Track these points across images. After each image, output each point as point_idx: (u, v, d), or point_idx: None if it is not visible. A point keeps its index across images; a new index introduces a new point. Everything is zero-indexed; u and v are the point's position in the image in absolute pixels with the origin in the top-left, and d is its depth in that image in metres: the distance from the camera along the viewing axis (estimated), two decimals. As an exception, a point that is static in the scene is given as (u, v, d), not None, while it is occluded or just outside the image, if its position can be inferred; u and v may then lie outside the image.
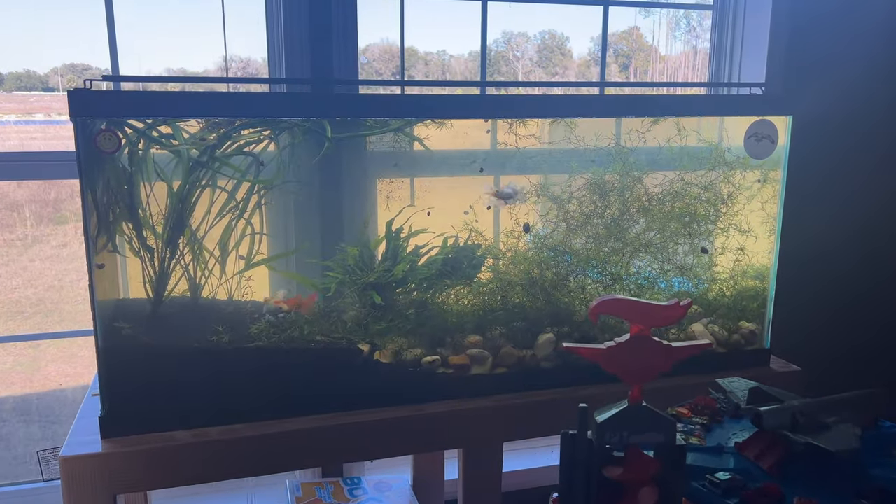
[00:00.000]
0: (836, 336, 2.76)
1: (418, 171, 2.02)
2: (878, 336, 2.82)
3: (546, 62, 2.77)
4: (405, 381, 1.72)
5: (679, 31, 2.74)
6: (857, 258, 2.74)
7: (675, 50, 2.76)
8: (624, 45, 2.77)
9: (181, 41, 2.30)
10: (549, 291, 1.86)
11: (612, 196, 1.93)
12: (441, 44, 2.52)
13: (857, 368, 2.79)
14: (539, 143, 1.92)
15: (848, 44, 2.53)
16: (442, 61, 2.60)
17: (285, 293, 1.84)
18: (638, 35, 2.75)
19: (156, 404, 1.60)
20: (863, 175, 2.67)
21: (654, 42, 2.74)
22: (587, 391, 1.84)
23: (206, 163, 1.64)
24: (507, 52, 2.66)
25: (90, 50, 2.22)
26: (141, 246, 1.71)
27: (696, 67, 2.75)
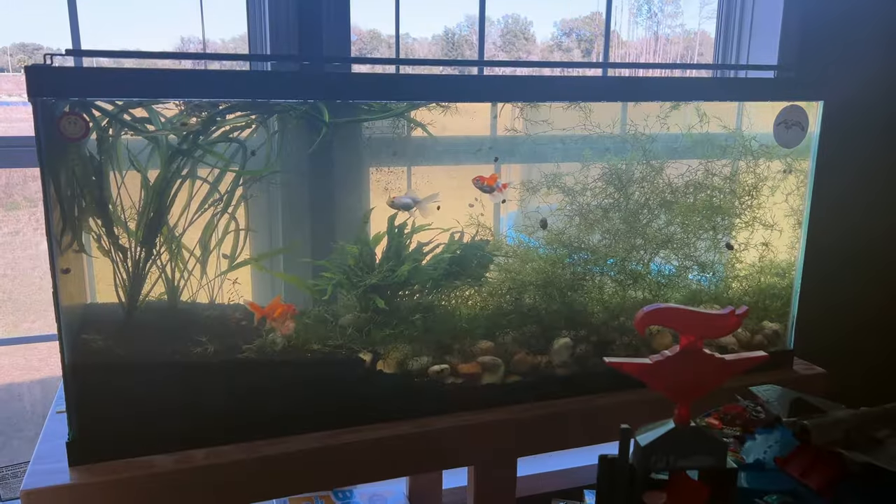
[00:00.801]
0: (863, 337, 2.64)
1: (419, 160, 1.84)
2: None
3: (509, 46, 2.73)
4: (411, 392, 1.56)
5: (640, 17, 2.69)
6: (888, 254, 2.62)
7: (636, 36, 2.72)
8: (586, 31, 2.77)
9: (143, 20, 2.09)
10: (565, 291, 1.70)
11: (631, 187, 1.78)
12: (404, 27, 2.39)
13: (886, 371, 2.69)
14: (552, 128, 1.76)
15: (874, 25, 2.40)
16: (405, 44, 2.50)
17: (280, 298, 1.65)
18: (600, 20, 2.71)
19: (132, 426, 1.41)
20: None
21: (616, 27, 2.72)
22: (608, 399, 1.70)
23: (186, 151, 1.44)
24: (470, 36, 2.60)
25: (44, 27, 1.99)
26: (112, 245, 1.51)
27: (657, 53, 2.72)
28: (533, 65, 2.12)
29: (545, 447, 1.69)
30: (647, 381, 1.20)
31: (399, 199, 1.61)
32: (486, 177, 1.67)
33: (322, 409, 1.51)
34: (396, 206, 1.62)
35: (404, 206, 1.63)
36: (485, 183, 1.68)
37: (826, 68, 2.33)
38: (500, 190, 1.67)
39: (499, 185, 1.67)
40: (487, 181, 1.68)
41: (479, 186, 1.68)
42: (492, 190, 1.68)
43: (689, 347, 1.17)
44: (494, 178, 1.67)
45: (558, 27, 2.66)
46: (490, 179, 1.67)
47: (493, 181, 1.67)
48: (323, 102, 1.52)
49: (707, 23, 2.77)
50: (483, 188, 1.67)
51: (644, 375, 1.20)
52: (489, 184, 1.68)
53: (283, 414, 1.49)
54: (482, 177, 1.68)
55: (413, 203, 1.63)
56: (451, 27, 2.52)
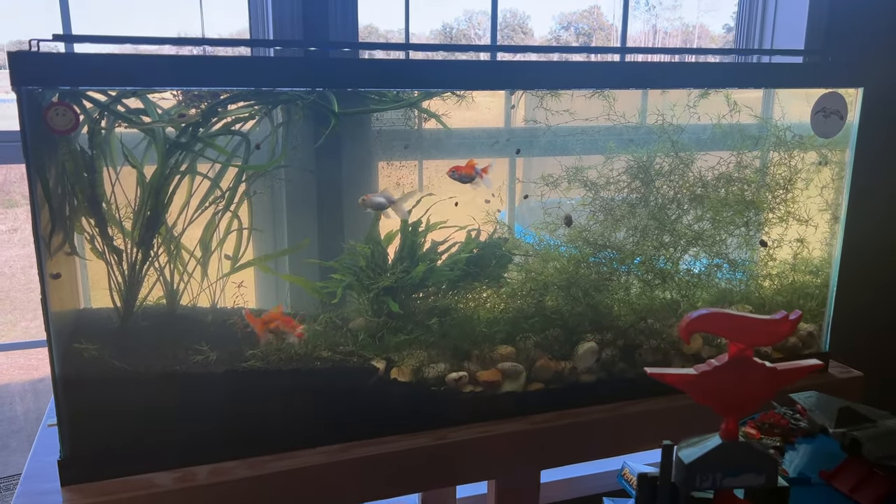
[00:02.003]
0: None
1: (432, 153, 1.74)
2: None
3: (507, 41, 2.73)
4: (427, 402, 1.48)
5: (638, 10, 2.65)
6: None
7: (634, 29, 2.67)
8: (585, 24, 2.79)
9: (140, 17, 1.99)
10: (590, 292, 1.60)
11: (659, 181, 1.68)
12: (401, 22, 2.33)
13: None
14: (573, 119, 1.65)
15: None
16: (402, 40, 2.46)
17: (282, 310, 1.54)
18: (598, 13, 2.77)
19: (129, 441, 1.31)
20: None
21: (614, 20, 2.71)
22: (636, 407, 1.60)
23: (185, 144, 1.33)
24: (468, 31, 2.61)
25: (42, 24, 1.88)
26: (106, 246, 1.41)
27: (657, 45, 2.70)
28: (547, 50, 2.01)
29: (570, 459, 1.59)
30: (691, 394, 1.11)
31: (372, 198, 1.49)
32: (462, 165, 1.52)
33: (332, 422, 1.43)
34: (368, 207, 1.49)
35: (378, 207, 1.50)
36: (462, 173, 1.52)
37: (861, 53, 2.22)
38: (482, 176, 1.53)
39: (478, 171, 1.52)
40: (464, 170, 1.52)
41: (457, 178, 1.52)
42: (472, 178, 1.53)
43: (738, 356, 1.08)
44: (472, 165, 1.52)
45: (556, 21, 2.68)
46: (467, 167, 1.52)
47: (471, 169, 1.52)
48: (331, 91, 1.41)
49: (706, 16, 2.76)
50: (462, 179, 1.52)
51: (688, 387, 1.11)
52: (467, 172, 1.52)
53: (290, 427, 1.40)
54: (457, 167, 1.51)
55: (387, 203, 1.51)
56: (450, 22, 2.51)
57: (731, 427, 1.10)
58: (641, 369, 1.65)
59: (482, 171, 1.53)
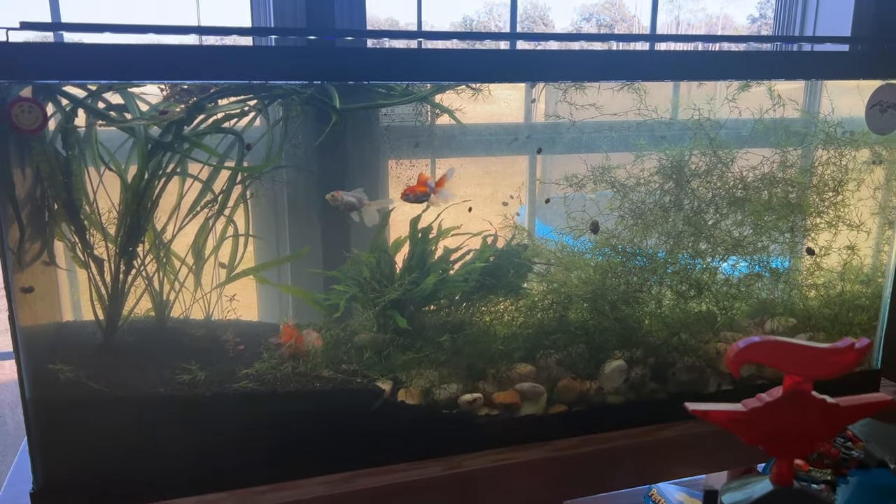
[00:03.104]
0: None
1: (445, 152, 1.60)
2: None
3: None
4: (438, 427, 1.36)
5: (661, 1, 2.55)
6: None
7: (656, 20, 2.59)
8: (606, 15, 2.78)
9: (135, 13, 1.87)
10: (618, 305, 1.45)
11: (695, 182, 1.53)
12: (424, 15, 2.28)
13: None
14: (600, 114, 1.51)
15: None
16: None
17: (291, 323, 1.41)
18: (620, 4, 2.76)
19: (109, 471, 1.19)
20: None
21: (637, 12, 2.72)
22: (670, 432, 1.46)
23: (170, 144, 1.20)
24: (488, 22, 2.60)
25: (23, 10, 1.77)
26: (86, 255, 1.29)
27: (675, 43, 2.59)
28: (570, 38, 1.85)
29: (595, 489, 1.45)
30: (739, 433, 0.98)
31: (343, 196, 1.34)
32: (414, 185, 1.34)
33: (333, 449, 1.32)
34: (339, 204, 1.34)
35: (349, 207, 1.36)
36: (417, 192, 1.34)
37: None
38: (437, 191, 1.36)
39: (431, 185, 1.35)
40: (417, 189, 1.34)
41: (411, 200, 1.35)
42: (427, 196, 1.36)
43: (794, 390, 0.94)
44: (424, 179, 1.35)
45: (578, 12, 2.65)
46: (418, 186, 1.34)
47: (424, 184, 1.35)
48: (332, 85, 1.27)
49: (730, 6, 2.69)
50: (417, 199, 1.34)
51: (736, 426, 0.98)
52: (420, 191, 1.35)
53: (288, 454, 1.27)
54: (409, 188, 1.34)
55: (358, 203, 1.36)
56: (470, 14, 2.49)
57: (784, 471, 0.97)
58: (674, 389, 1.51)
59: (437, 184, 1.37)
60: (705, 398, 1.51)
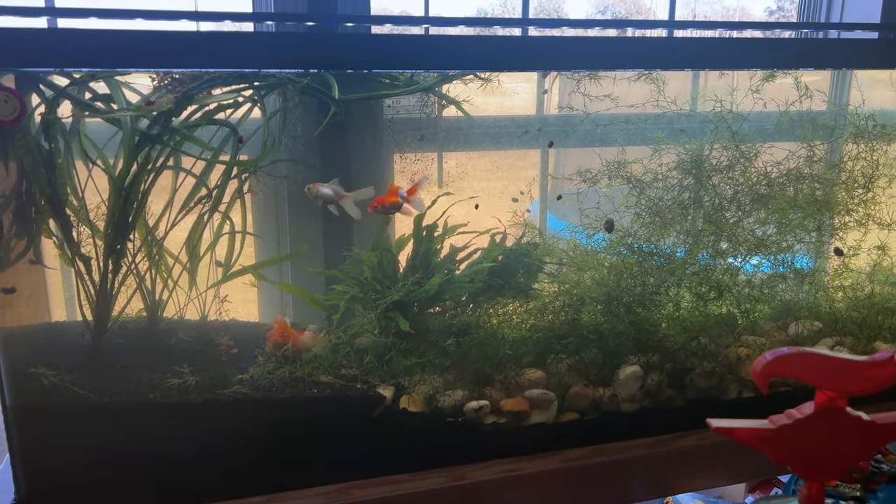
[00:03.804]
0: None
1: (452, 145, 1.53)
2: None
3: None
4: (442, 436, 1.29)
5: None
6: None
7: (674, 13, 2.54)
8: (622, 8, 2.79)
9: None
10: (634, 308, 1.37)
11: (716, 177, 1.45)
12: (436, 9, 2.31)
13: None
14: (616, 105, 1.43)
15: None
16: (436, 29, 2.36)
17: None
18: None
19: (94, 482, 1.13)
20: None
21: (652, 4, 2.71)
22: (687, 441, 1.39)
23: (158, 136, 1.14)
24: (503, 15, 2.61)
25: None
26: (73, 253, 1.22)
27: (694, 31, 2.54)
28: (585, 24, 1.77)
29: (608, 501, 1.38)
30: (767, 452, 0.89)
31: (320, 188, 1.27)
32: (384, 195, 1.29)
33: (331, 458, 1.25)
34: (316, 197, 1.28)
35: (326, 199, 1.29)
36: (387, 204, 1.29)
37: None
38: (409, 199, 1.30)
39: (403, 195, 1.29)
40: (387, 200, 1.29)
41: (383, 211, 1.30)
42: (398, 207, 1.30)
43: (827, 406, 0.86)
44: (395, 191, 1.30)
45: (592, 5, 2.65)
46: (390, 196, 1.29)
47: (395, 195, 1.29)
48: (332, 74, 1.20)
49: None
50: (387, 210, 1.29)
51: (764, 445, 0.90)
52: (390, 202, 1.29)
53: (283, 464, 1.21)
54: (379, 199, 1.29)
55: (335, 196, 1.29)
56: (485, 7, 2.50)
57: (815, 493, 0.89)
58: (692, 396, 1.44)
59: (409, 192, 1.31)
60: (725, 406, 1.43)
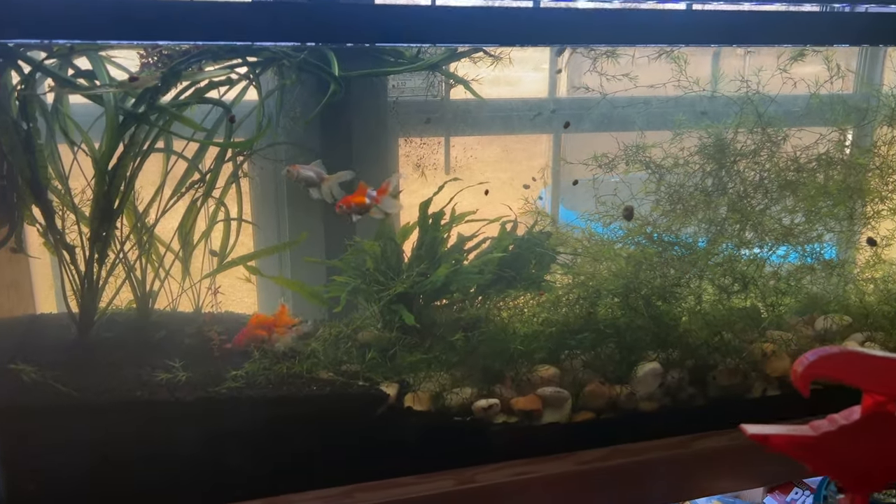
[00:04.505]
0: None
1: (460, 129, 1.45)
2: None
3: None
4: (449, 436, 1.22)
5: None
6: None
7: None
8: None
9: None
10: (653, 301, 1.29)
11: (741, 162, 1.36)
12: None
13: None
14: (634, 86, 1.35)
15: None
16: None
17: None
18: None
19: (81, 485, 1.06)
20: None
21: None
22: (709, 442, 1.33)
23: (143, 116, 1.06)
24: None
25: None
26: (56, 241, 1.15)
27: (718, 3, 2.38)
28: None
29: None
30: (807, 461, 0.81)
31: (301, 170, 1.19)
32: (350, 195, 1.22)
33: (332, 460, 1.19)
34: (296, 179, 1.20)
35: (307, 182, 1.21)
36: (353, 204, 1.22)
37: None
38: (378, 199, 1.22)
39: (372, 195, 1.22)
40: (354, 200, 1.22)
41: (349, 212, 1.22)
42: (367, 208, 1.22)
43: (874, 411, 0.78)
44: (363, 191, 1.22)
45: None
46: (357, 196, 1.22)
47: (363, 195, 1.22)
48: (331, 48, 1.12)
49: None
50: (353, 211, 1.22)
51: (802, 453, 0.82)
52: (357, 203, 1.22)
53: (280, 466, 1.14)
54: (344, 198, 1.22)
55: (317, 178, 1.21)
56: None
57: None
58: (714, 395, 1.36)
59: (378, 192, 1.23)
60: (749, 405, 1.36)
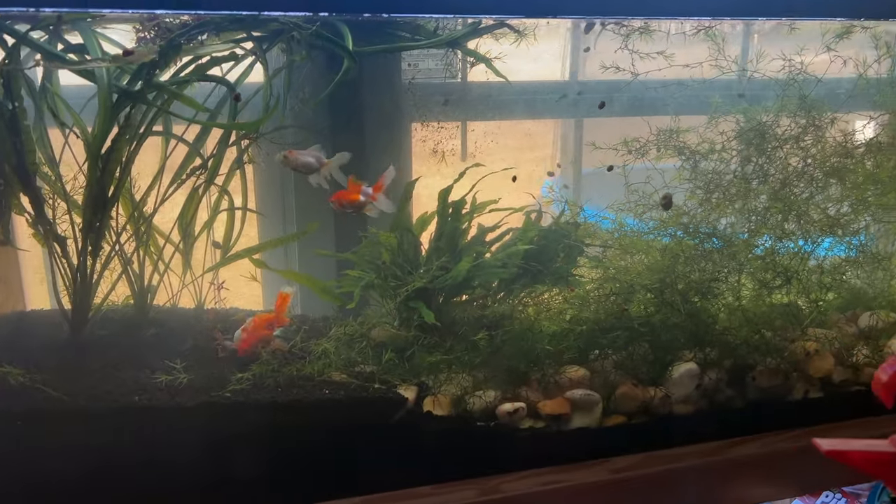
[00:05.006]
0: None
1: (480, 112, 1.36)
2: None
3: None
4: (472, 442, 1.15)
5: None
6: None
7: None
8: None
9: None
10: (690, 297, 1.20)
11: (784, 148, 1.27)
12: None
13: None
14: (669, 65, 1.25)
15: None
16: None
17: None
18: None
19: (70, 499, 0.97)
20: None
21: None
22: (748, 448, 1.25)
23: (139, 94, 0.96)
24: None
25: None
26: (46, 232, 1.06)
27: None
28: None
29: (660, 516, 1.21)
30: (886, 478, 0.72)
31: (298, 156, 1.10)
32: (345, 190, 1.12)
33: (346, 469, 1.11)
34: (293, 166, 1.10)
35: (306, 168, 1.11)
36: (346, 201, 1.12)
37: None
38: (374, 196, 1.12)
39: (367, 192, 1.12)
40: (346, 197, 1.12)
41: (341, 209, 1.13)
42: (362, 206, 1.12)
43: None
44: (357, 188, 1.12)
45: None
46: (351, 192, 1.12)
47: (357, 192, 1.12)
48: (344, 20, 1.02)
49: None
50: (345, 208, 1.12)
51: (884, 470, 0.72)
52: (351, 200, 1.12)
53: (289, 476, 1.05)
54: (337, 195, 1.12)
55: (317, 164, 1.11)
56: None
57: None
58: (753, 397, 1.27)
59: (374, 189, 1.13)
60: (791, 407, 1.28)
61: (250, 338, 1.09)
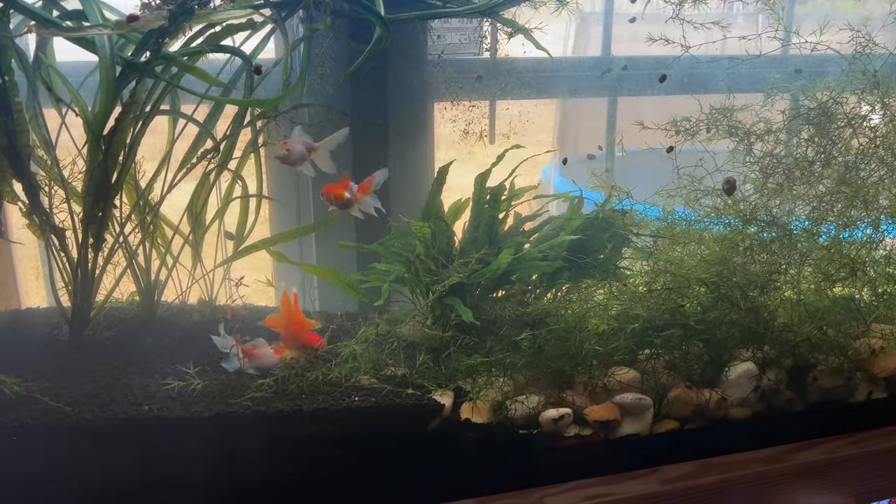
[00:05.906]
0: None
1: (515, 89, 1.26)
2: None
3: None
4: (514, 452, 1.06)
5: None
6: None
7: None
8: None
9: None
10: (749, 292, 1.10)
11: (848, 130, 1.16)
12: None
13: None
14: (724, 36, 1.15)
15: None
16: None
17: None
18: None
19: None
20: None
21: None
22: (811, 454, 1.16)
23: (145, 67, 0.85)
24: None
25: None
26: (42, 223, 0.95)
27: None
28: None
29: (717, 531, 1.12)
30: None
31: (293, 144, 0.99)
32: (333, 184, 1.03)
33: (377, 481, 1.02)
34: (291, 158, 1.00)
35: (300, 158, 1.01)
36: (332, 196, 1.03)
37: None
38: (359, 197, 1.03)
39: (353, 190, 1.03)
40: (334, 192, 1.03)
41: (327, 202, 1.04)
42: (347, 204, 1.03)
43: None
44: (345, 184, 1.03)
45: None
46: (339, 187, 1.03)
47: (344, 188, 1.03)
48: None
49: None
50: (332, 203, 1.04)
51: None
52: (336, 196, 1.03)
53: (315, 489, 0.96)
54: (328, 188, 1.03)
55: (307, 150, 1.02)
56: None
57: None
58: (814, 399, 1.17)
59: (359, 189, 1.04)
60: (852, 409, 1.17)
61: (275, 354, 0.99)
